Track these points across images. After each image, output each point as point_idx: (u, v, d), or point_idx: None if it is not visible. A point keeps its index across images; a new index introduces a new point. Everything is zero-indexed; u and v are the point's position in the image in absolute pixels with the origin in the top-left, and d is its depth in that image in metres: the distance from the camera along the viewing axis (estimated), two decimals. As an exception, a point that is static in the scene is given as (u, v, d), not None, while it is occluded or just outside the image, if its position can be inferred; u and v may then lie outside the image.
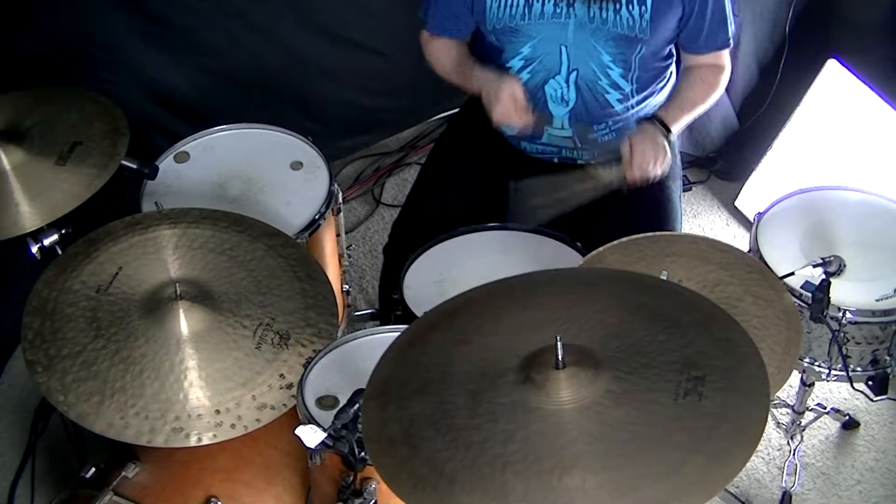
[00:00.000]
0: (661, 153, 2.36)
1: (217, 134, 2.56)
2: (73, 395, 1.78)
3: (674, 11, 2.33)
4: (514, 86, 2.35)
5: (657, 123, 2.39)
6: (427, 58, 2.54)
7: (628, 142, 2.36)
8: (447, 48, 2.51)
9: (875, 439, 2.75)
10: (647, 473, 1.40)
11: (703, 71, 2.47)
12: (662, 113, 2.43)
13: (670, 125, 2.40)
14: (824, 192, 2.41)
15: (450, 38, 2.50)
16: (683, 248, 2.11)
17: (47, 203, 2.08)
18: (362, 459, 1.67)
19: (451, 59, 2.50)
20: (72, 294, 1.92)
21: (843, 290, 2.13)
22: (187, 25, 3.08)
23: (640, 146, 2.34)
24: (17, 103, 2.26)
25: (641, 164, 2.34)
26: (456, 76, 2.50)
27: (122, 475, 1.99)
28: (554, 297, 1.70)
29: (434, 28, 2.50)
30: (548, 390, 1.49)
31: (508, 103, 2.34)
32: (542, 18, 2.32)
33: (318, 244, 2.40)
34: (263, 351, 1.86)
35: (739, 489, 2.63)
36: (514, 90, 2.35)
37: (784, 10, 3.22)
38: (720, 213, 3.37)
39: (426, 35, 2.53)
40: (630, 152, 2.35)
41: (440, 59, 2.52)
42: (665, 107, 2.47)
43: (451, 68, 2.51)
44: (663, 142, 2.37)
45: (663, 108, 2.46)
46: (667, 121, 2.40)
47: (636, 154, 2.34)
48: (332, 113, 3.38)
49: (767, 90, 3.29)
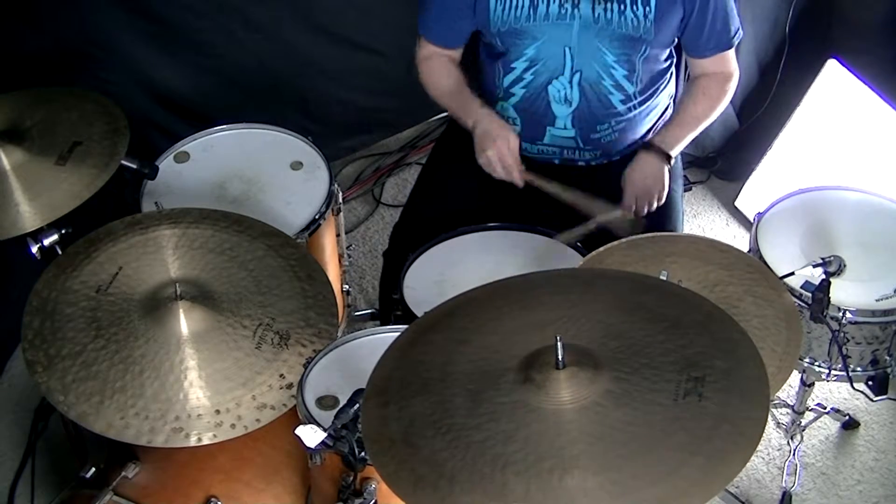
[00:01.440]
0: (656, 190, 2.38)
1: (217, 134, 2.56)
2: (73, 395, 1.78)
3: (676, 11, 2.32)
4: (510, 136, 2.36)
5: (654, 152, 2.39)
6: (422, 78, 2.52)
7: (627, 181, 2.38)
8: (445, 69, 2.49)
9: (875, 439, 2.75)
10: (646, 474, 1.40)
11: (707, 82, 2.46)
12: (661, 137, 2.43)
13: (671, 149, 2.40)
14: (824, 192, 2.41)
15: (445, 48, 2.48)
16: (683, 248, 2.11)
17: (47, 203, 2.08)
18: (362, 459, 1.67)
19: (448, 83, 2.48)
20: (72, 294, 1.92)
21: (843, 290, 2.13)
22: (187, 25, 3.08)
23: (631, 190, 2.37)
24: (17, 103, 2.26)
25: (640, 207, 2.37)
26: (451, 102, 2.49)
27: (122, 475, 1.99)
28: (554, 297, 1.70)
29: (429, 34, 2.48)
30: (548, 390, 1.49)
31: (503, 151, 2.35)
32: (548, 20, 2.31)
33: (318, 244, 2.40)
34: (263, 351, 1.86)
35: (739, 489, 2.63)
36: (510, 142, 2.36)
37: (784, 10, 3.22)
38: (720, 213, 3.37)
39: (423, 52, 2.51)
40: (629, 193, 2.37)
41: (436, 81, 2.50)
42: (667, 127, 2.46)
43: (447, 93, 2.49)
44: (661, 174, 2.38)
45: (665, 129, 2.45)
46: (665, 145, 2.40)
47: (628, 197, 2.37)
48: (332, 113, 3.38)
49: (767, 90, 3.29)
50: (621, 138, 2.47)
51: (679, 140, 2.43)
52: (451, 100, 2.49)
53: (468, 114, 2.43)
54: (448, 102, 2.51)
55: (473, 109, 2.42)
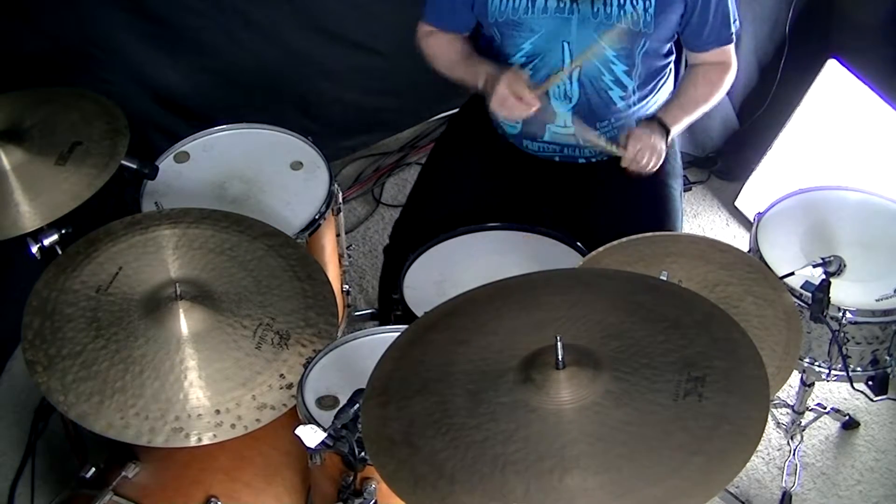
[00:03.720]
0: (656, 151, 2.36)
1: (217, 134, 2.56)
2: (73, 395, 1.78)
3: (676, 6, 2.32)
4: (516, 71, 2.32)
5: (657, 124, 2.39)
6: (424, 51, 2.51)
7: (627, 133, 2.37)
8: (448, 41, 2.48)
9: (875, 439, 2.75)
10: (646, 474, 1.40)
11: (707, 69, 2.46)
12: (663, 113, 2.43)
13: (671, 126, 2.40)
14: (824, 192, 2.41)
15: (449, 32, 2.49)
16: (683, 248, 2.11)
17: (47, 203, 2.08)
18: (362, 459, 1.67)
19: (453, 53, 2.47)
20: (72, 294, 1.92)
21: (843, 290, 2.13)
22: (187, 25, 3.08)
23: (638, 140, 2.35)
24: (17, 103, 2.26)
25: (636, 158, 2.34)
26: (459, 70, 2.46)
27: (122, 475, 1.99)
28: (554, 297, 1.70)
29: (434, 21, 2.48)
30: (548, 390, 1.49)
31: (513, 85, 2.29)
32: (546, 13, 2.31)
33: (318, 244, 2.40)
34: (263, 351, 1.86)
35: (739, 489, 2.63)
36: (517, 73, 2.32)
37: (784, 10, 3.22)
38: (720, 213, 3.37)
39: (424, 28, 2.51)
40: (627, 143, 2.35)
41: (439, 53, 2.49)
42: (666, 106, 2.46)
43: (453, 62, 2.47)
44: (660, 143, 2.37)
45: (665, 108, 2.46)
46: (667, 121, 2.40)
47: (631, 146, 2.34)
48: (332, 113, 3.38)
49: (767, 90, 3.29)
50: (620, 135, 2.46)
51: (678, 120, 2.42)
52: (459, 68, 2.46)
53: (477, 75, 2.39)
54: (455, 72, 2.47)
55: (482, 69, 2.39)
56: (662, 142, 2.37)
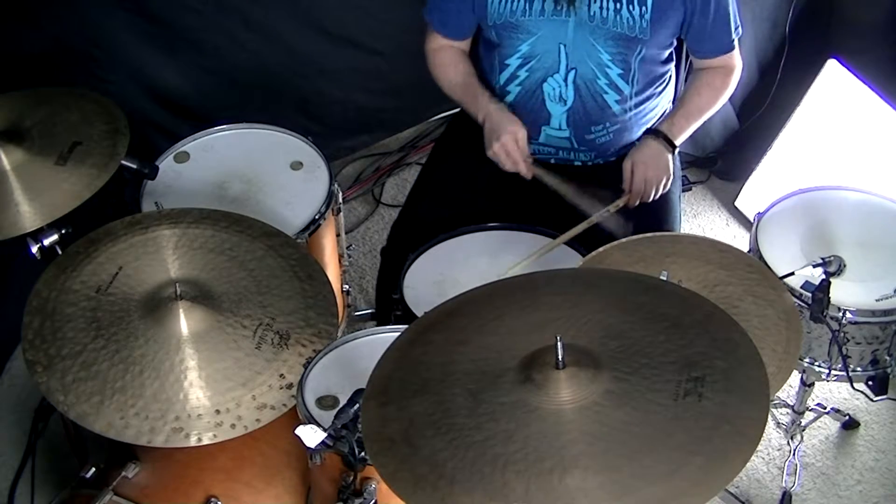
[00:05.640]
0: (663, 176, 2.37)
1: (217, 134, 2.56)
2: (73, 395, 1.78)
3: (675, 12, 2.33)
4: (518, 130, 2.36)
5: (661, 139, 2.39)
6: (432, 70, 2.54)
7: (630, 164, 2.37)
8: (454, 62, 2.50)
9: (875, 439, 2.75)
10: (646, 474, 1.40)
11: (710, 74, 2.46)
12: (668, 125, 2.43)
13: (675, 137, 2.40)
14: (824, 192, 2.41)
15: (453, 39, 2.50)
16: (683, 248, 2.11)
17: (47, 203, 2.08)
18: (362, 459, 1.67)
19: (457, 76, 2.49)
20: (72, 294, 1.92)
21: (843, 290, 2.13)
22: (187, 25, 3.08)
23: (642, 171, 2.36)
24: (17, 103, 2.26)
25: (643, 191, 2.36)
26: (461, 95, 2.50)
27: (122, 475, 1.99)
28: (554, 297, 1.70)
29: (439, 27, 2.49)
30: (548, 390, 1.49)
31: (510, 145, 2.35)
32: (543, 15, 2.32)
33: (318, 244, 2.40)
34: (263, 351, 1.86)
35: (739, 489, 2.63)
36: (518, 135, 2.36)
37: (784, 10, 3.22)
38: (720, 213, 3.37)
39: (432, 45, 2.52)
40: (631, 177, 2.36)
41: (446, 74, 2.51)
42: (671, 116, 2.46)
43: (457, 85, 2.50)
44: (667, 161, 2.37)
45: (669, 118, 2.45)
46: (672, 133, 2.40)
47: (637, 180, 2.36)
48: (332, 113, 3.38)
49: (767, 90, 3.29)
50: (616, 140, 2.46)
51: (683, 130, 2.43)
52: (461, 92, 2.50)
53: (478, 107, 2.44)
54: (458, 95, 2.51)
55: (483, 103, 2.43)
56: (669, 160, 2.38)
